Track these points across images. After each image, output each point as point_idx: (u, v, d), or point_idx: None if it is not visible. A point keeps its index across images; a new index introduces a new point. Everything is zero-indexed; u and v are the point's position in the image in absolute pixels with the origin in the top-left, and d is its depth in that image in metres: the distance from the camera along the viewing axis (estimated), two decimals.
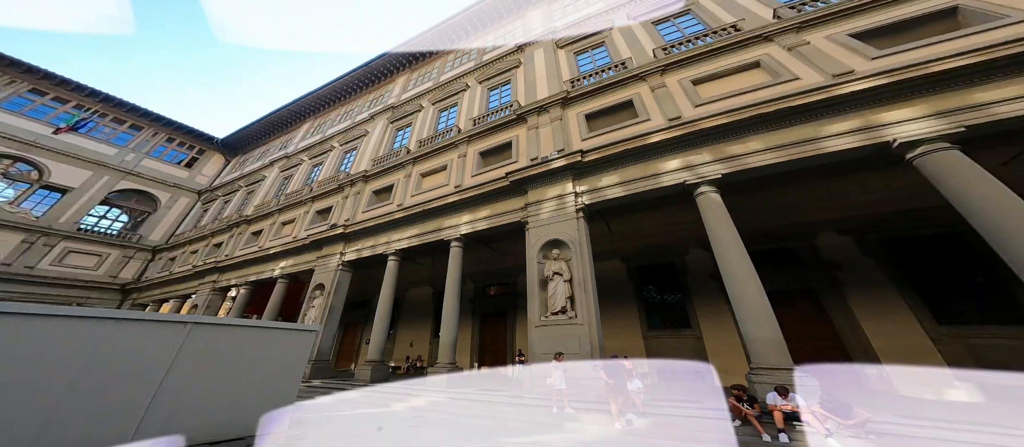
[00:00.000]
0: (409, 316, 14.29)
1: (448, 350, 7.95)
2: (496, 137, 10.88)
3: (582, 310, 6.26)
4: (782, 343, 5.00)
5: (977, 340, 6.31)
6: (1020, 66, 4.73)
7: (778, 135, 6.22)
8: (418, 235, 10.00)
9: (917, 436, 3.72)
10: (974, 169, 4.59)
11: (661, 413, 4.94)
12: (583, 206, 7.58)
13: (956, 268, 6.97)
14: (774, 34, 7.68)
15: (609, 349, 8.85)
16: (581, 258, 6.81)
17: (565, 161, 7.94)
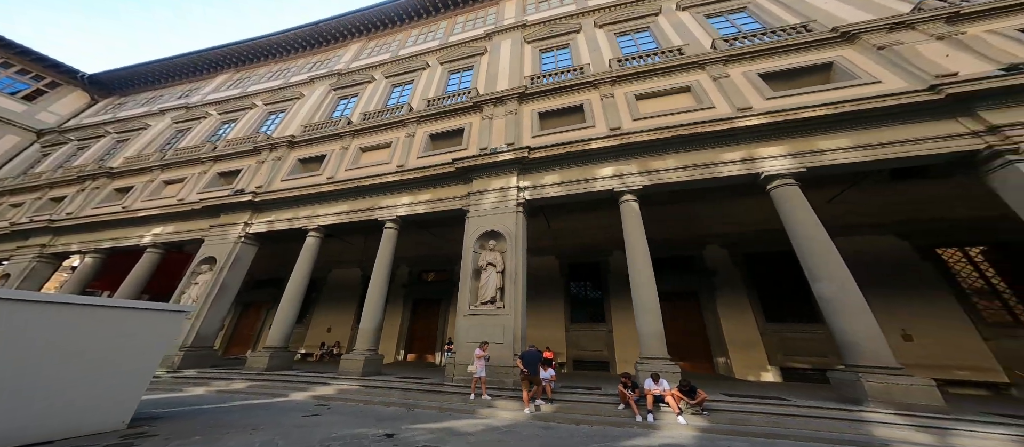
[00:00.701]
0: (330, 299, 12.78)
1: (369, 336, 7.30)
2: (449, 122, 10.43)
3: (510, 301, 6.30)
4: (663, 336, 5.66)
5: (788, 334, 8.11)
6: (852, 122, 6.01)
7: (690, 156, 6.95)
8: (348, 212, 9.01)
9: (734, 409, 4.65)
10: (802, 201, 5.83)
11: (566, 399, 5.27)
12: (524, 201, 7.67)
13: (784, 278, 8.63)
14: (706, 63, 8.37)
15: (534, 340, 9.01)
16: (516, 251, 6.86)
17: (513, 155, 7.97)
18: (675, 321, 9.06)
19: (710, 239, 9.82)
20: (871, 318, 4.85)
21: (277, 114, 14.04)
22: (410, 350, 10.73)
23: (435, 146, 10.04)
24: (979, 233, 7.46)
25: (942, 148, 5.32)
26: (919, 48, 6.51)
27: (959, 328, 6.93)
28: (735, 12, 10.41)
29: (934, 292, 7.38)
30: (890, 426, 3.94)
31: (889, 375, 4.42)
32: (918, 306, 7.29)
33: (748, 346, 8.29)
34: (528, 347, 5.56)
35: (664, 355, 5.52)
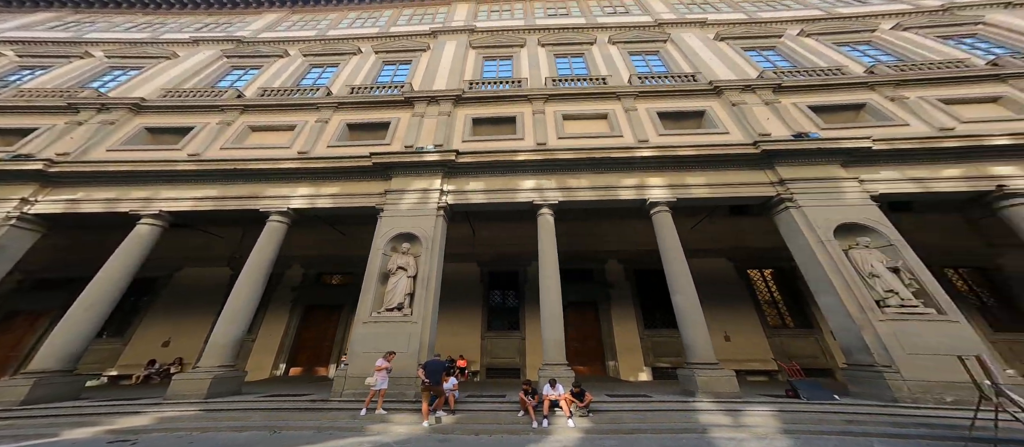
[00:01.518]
0: (175, 304, 9.89)
1: (223, 349, 5.70)
2: (374, 113, 9.50)
3: (420, 308, 5.80)
4: (563, 343, 5.91)
5: (658, 339, 9.47)
6: (709, 163, 7.40)
7: (599, 178, 7.62)
8: (217, 198, 7.19)
9: (613, 409, 5.06)
10: (671, 226, 6.97)
11: (469, 409, 5.02)
12: (446, 205, 7.35)
13: (659, 291, 9.58)
14: (622, 95, 9.26)
15: (449, 348, 8.86)
16: (432, 255, 6.44)
17: (440, 157, 7.63)
18: (577, 328, 9.83)
19: (611, 255, 10.85)
20: (704, 325, 5.87)
21: (127, 71, 10.66)
22: (295, 364, 8.99)
23: (353, 137, 8.97)
24: (771, 259, 9.85)
25: (756, 192, 7.10)
26: (755, 110, 8.43)
27: (756, 330, 9.02)
28: (651, 54, 12.18)
29: (743, 303, 9.49)
30: (708, 412, 4.76)
31: (710, 370, 5.36)
32: (734, 314, 9.24)
33: (631, 350, 9.27)
34: (434, 356, 5.24)
35: (563, 361, 5.74)
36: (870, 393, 5.00)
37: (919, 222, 9.17)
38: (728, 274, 10.11)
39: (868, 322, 5.19)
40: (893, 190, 6.46)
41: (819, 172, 6.79)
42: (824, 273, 5.80)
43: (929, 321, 5.01)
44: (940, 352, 4.66)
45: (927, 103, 7.60)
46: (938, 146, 6.39)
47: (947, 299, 5.16)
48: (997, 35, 9.68)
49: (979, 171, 6.22)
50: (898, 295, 5.22)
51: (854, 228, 6.09)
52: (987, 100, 7.49)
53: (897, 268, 5.44)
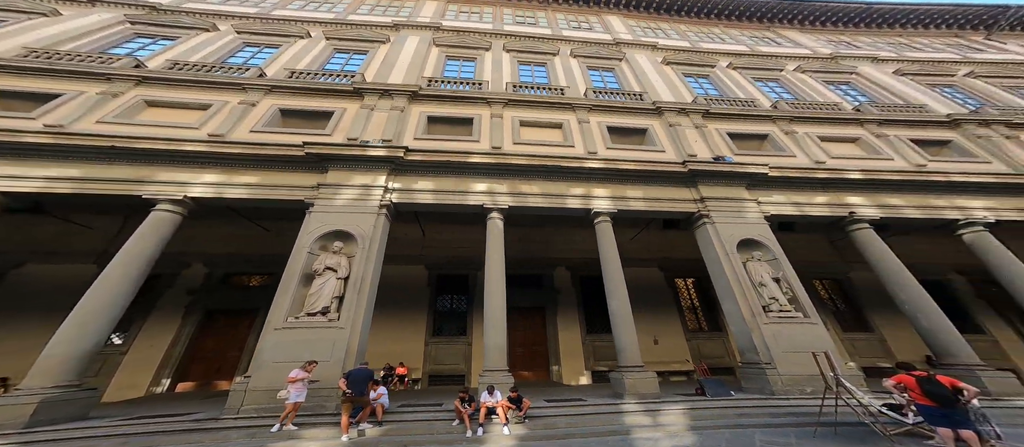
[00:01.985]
0: (11, 309, 7.78)
1: (61, 365, 4.53)
2: (315, 101, 8.67)
3: (349, 313, 5.39)
4: (505, 349, 5.97)
5: (598, 343, 9.91)
6: (646, 178, 7.98)
7: (549, 185, 7.81)
8: (80, 180, 5.89)
9: (548, 414, 5.18)
10: (611, 235, 7.47)
11: (400, 420, 4.79)
12: (390, 203, 6.98)
13: (599, 297, 9.52)
14: (577, 107, 9.59)
15: (390, 355, 8.53)
16: (368, 256, 6.04)
17: (386, 152, 7.19)
18: (525, 334, 10.02)
19: (560, 262, 11.16)
20: (634, 329, 6.36)
21: None
22: (185, 378, 7.77)
23: (287, 124, 8.08)
24: (694, 269, 10.59)
25: (683, 207, 7.91)
26: (687, 132, 9.33)
27: (678, 334, 10.03)
28: (607, 70, 12.89)
29: (670, 309, 10.46)
30: (632, 414, 5.10)
31: (637, 372, 5.82)
32: (663, 319, 10.16)
33: (573, 355, 9.63)
34: (362, 364, 4.91)
35: (504, 367, 5.79)
36: (756, 387, 5.84)
37: (800, 240, 11.11)
38: (659, 282, 11.13)
39: (757, 325, 6.08)
40: (780, 212, 7.68)
41: (729, 193, 7.79)
42: (727, 283, 6.68)
43: (798, 324, 6.04)
44: (803, 350, 5.62)
45: (809, 139, 9.18)
46: (812, 176, 7.75)
47: (811, 305, 6.28)
48: (864, 85, 12.08)
49: (838, 199, 7.68)
50: (778, 301, 6.23)
51: (751, 243, 7.11)
52: (850, 140, 9.29)
53: (778, 278, 6.48)
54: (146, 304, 8.27)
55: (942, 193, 7.72)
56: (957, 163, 8.61)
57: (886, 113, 9.90)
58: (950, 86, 12.01)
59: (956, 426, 3.24)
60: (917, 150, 8.88)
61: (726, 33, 15.64)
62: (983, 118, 9.42)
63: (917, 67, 12.77)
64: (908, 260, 10.37)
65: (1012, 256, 6.87)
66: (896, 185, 7.75)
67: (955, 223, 7.50)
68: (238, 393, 4.63)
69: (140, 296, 8.36)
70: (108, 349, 7.59)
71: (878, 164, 8.55)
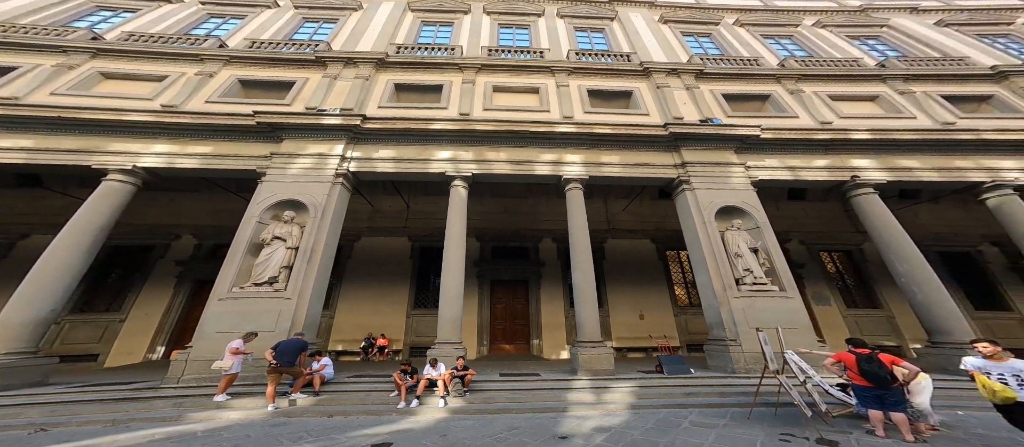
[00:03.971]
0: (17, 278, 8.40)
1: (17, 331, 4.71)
2: (276, 71, 8.43)
3: (297, 283, 5.32)
4: (458, 321, 5.78)
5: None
6: (624, 143, 7.34)
7: (518, 152, 7.34)
8: (33, 150, 5.94)
9: (493, 388, 4.96)
10: (581, 204, 6.93)
11: (339, 390, 4.77)
12: (347, 172, 6.77)
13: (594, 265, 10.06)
14: (556, 70, 8.96)
15: (373, 326, 8.64)
16: (320, 226, 5.89)
17: (342, 121, 6.91)
18: (506, 306, 9.94)
19: (546, 233, 10.78)
20: (594, 304, 5.96)
21: None
22: (178, 345, 8.11)
23: (247, 94, 7.91)
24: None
25: (663, 173, 7.22)
26: (676, 94, 8.49)
27: (666, 309, 9.59)
28: (596, 31, 11.86)
29: (659, 283, 10.00)
30: (580, 391, 4.86)
31: (593, 348, 5.51)
32: (651, 293, 9.75)
33: (555, 328, 9.40)
34: (297, 335, 4.83)
35: (455, 339, 5.64)
36: (719, 365, 5.48)
37: (810, 210, 10.18)
38: (650, 255, 10.62)
39: (727, 299, 5.61)
40: (772, 177, 6.90)
41: (715, 157, 7.06)
42: (702, 254, 6.16)
43: (772, 297, 5.52)
44: (772, 326, 5.09)
45: (818, 98, 8.09)
46: (812, 138, 6.86)
47: (790, 278, 5.71)
48: (895, 39, 10.45)
49: (841, 162, 6.79)
50: (752, 274, 5.69)
51: (732, 211, 6.47)
52: (867, 98, 8.12)
53: (756, 249, 5.89)
54: (141, 275, 8.72)
55: (969, 153, 6.68)
56: (994, 120, 7.40)
57: (915, 68, 8.53)
58: (1005, 35, 10.19)
59: (887, 408, 2.96)
60: (948, 107, 7.67)
61: None
62: None
63: (966, 16, 10.86)
64: (931, 230, 9.42)
65: None
66: (912, 146, 6.74)
67: (980, 186, 6.47)
68: (179, 363, 4.72)
69: (135, 267, 9.21)
70: (107, 317, 8.12)
71: (895, 124, 7.47)
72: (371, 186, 10.37)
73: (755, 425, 3.73)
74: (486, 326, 9.76)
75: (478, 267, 10.40)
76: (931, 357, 5.43)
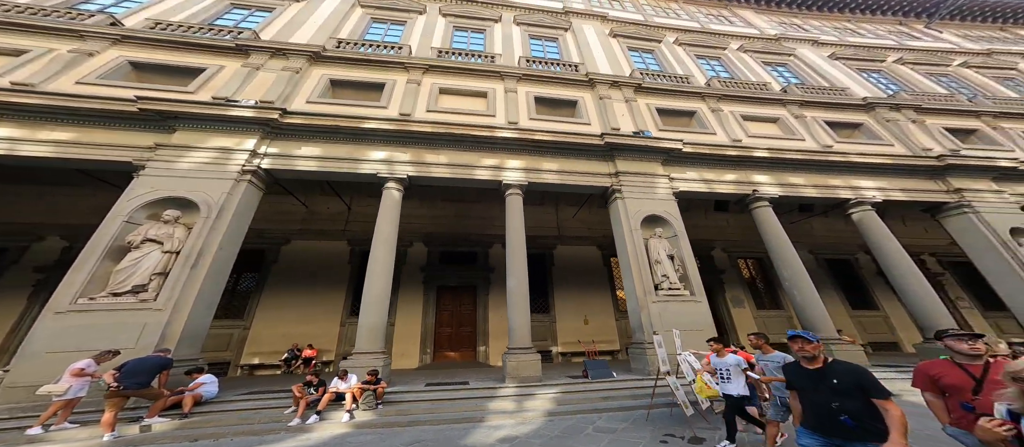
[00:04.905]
0: None
1: None
2: (184, 56, 7.50)
3: (172, 292, 4.61)
4: (381, 330, 5.44)
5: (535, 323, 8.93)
6: (563, 151, 7.44)
7: (459, 155, 7.16)
8: None
9: (412, 399, 4.72)
10: (519, 209, 6.99)
11: (220, 410, 4.18)
12: (258, 169, 6.10)
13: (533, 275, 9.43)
14: (506, 76, 8.94)
15: (299, 336, 7.92)
16: (213, 227, 5.20)
17: (255, 113, 6.25)
18: (453, 313, 9.67)
19: (497, 239, 10.35)
20: (526, 310, 5.96)
21: None
22: None
23: (140, 78, 6.91)
24: None
25: (598, 182, 7.49)
26: (615, 106, 8.83)
27: (609, 314, 9.89)
28: (551, 40, 12.07)
29: (604, 289, 10.29)
30: (504, 399, 4.77)
31: (522, 354, 5.48)
32: (595, 299, 10.02)
33: (501, 335, 9.00)
34: (160, 351, 4.14)
35: (376, 349, 5.28)
36: (640, 368, 5.71)
37: (731, 220, 11.16)
38: (596, 261, 10.92)
39: (646, 303, 5.89)
40: (690, 189, 7.43)
41: (644, 168, 7.43)
42: (628, 260, 6.39)
43: (684, 301, 5.87)
44: (684, 328, 5.43)
45: (733, 117, 8.95)
46: (725, 154, 7.53)
47: (700, 284, 6.12)
48: (798, 67, 12.01)
49: (746, 177, 7.54)
50: (669, 279, 6.00)
51: (656, 220, 6.83)
52: (770, 120, 9.15)
53: (673, 256, 6.22)
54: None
55: (840, 173, 7.81)
56: (861, 145, 8.70)
57: (808, 95, 9.85)
58: (878, 71, 12.16)
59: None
60: (829, 132, 8.92)
61: (684, 9, 15.03)
62: (895, 102, 9.56)
63: (852, 51, 12.81)
64: (821, 240, 10.98)
65: (889, 233, 7.06)
66: (799, 164, 7.76)
67: (848, 202, 7.58)
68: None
69: None
70: None
71: (789, 144, 8.53)
72: (307, 187, 9.60)
73: (648, 427, 3.87)
74: (430, 333, 9.38)
75: (424, 273, 10.01)
76: None
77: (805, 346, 1.79)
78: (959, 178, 7.84)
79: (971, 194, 7.61)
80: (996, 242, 6.97)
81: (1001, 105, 10.22)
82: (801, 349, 1.80)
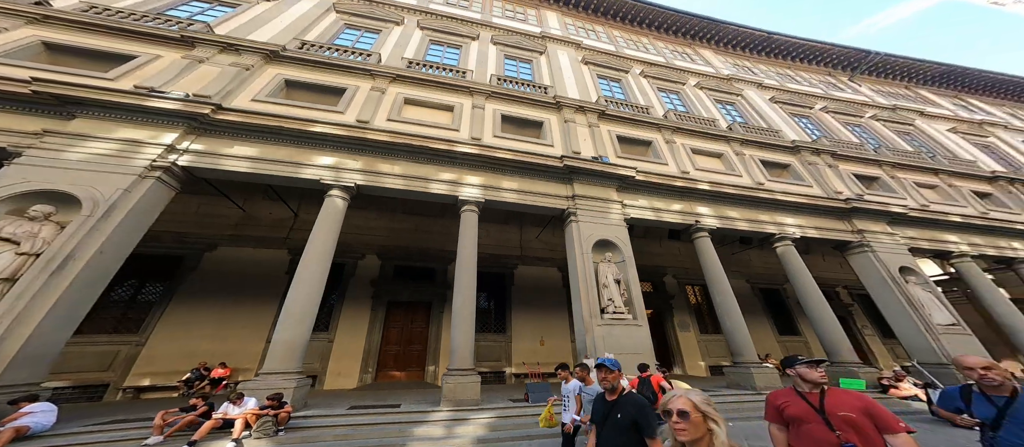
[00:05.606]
0: None
1: None
2: (113, 41, 6.91)
3: (12, 303, 3.77)
4: (297, 348, 4.93)
5: (481, 343, 8.79)
6: (524, 171, 7.39)
7: (415, 167, 6.92)
8: None
9: (323, 425, 4.29)
10: (473, 226, 6.79)
11: (52, 444, 3.44)
12: (173, 166, 5.43)
13: (492, 294, 10.04)
14: (475, 91, 8.87)
15: (212, 354, 7.08)
16: (98, 227, 4.49)
17: (182, 106, 5.66)
18: (402, 331, 9.19)
19: (452, 257, 10.34)
20: (471, 330, 5.70)
21: None
22: None
23: (53, 60, 6.12)
24: None
25: (556, 204, 7.51)
26: (579, 130, 9.02)
27: (565, 335, 9.81)
28: (525, 61, 12.31)
29: (562, 311, 10.10)
30: (433, 424, 4.45)
31: (461, 376, 5.20)
32: (554, 320, 9.95)
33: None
34: None
35: (289, 369, 4.75)
36: None
37: (682, 248, 11.55)
38: (556, 282, 10.85)
39: (592, 326, 5.85)
40: (640, 216, 7.65)
41: (600, 193, 7.53)
42: (578, 283, 6.29)
43: (627, 326, 5.85)
44: (626, 352, 5.37)
45: (684, 150, 9.49)
46: (673, 184, 7.92)
47: (643, 309, 6.17)
48: (743, 107, 13.20)
49: (690, 208, 7.97)
50: (614, 303, 5.95)
51: (607, 244, 6.85)
52: (715, 155, 9.86)
53: (620, 280, 6.17)
54: None
55: (768, 209, 8.53)
56: (788, 184, 9.61)
57: (749, 134, 10.73)
58: (806, 117, 13.57)
59: None
60: (762, 170, 9.79)
61: (653, 43, 16.12)
62: (816, 147, 10.63)
63: (788, 96, 14.21)
64: (756, 271, 11.72)
65: (804, 267, 7.78)
66: (735, 199, 8.36)
67: (773, 236, 8.11)
68: None
69: None
70: None
71: (728, 179, 9.24)
72: (248, 191, 8.87)
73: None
74: (375, 351, 8.74)
75: (375, 287, 9.43)
76: (733, 375, 6.58)
77: (608, 375, 1.63)
78: (862, 220, 8.80)
79: (870, 235, 8.55)
80: (888, 278, 7.85)
81: (899, 157, 11.78)
82: (604, 379, 1.64)
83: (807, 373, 1.62)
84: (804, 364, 1.65)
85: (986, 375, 1.68)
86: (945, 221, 9.44)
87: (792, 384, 1.70)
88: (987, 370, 1.69)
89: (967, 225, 9.58)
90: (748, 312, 11.44)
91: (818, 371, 1.62)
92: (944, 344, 6.88)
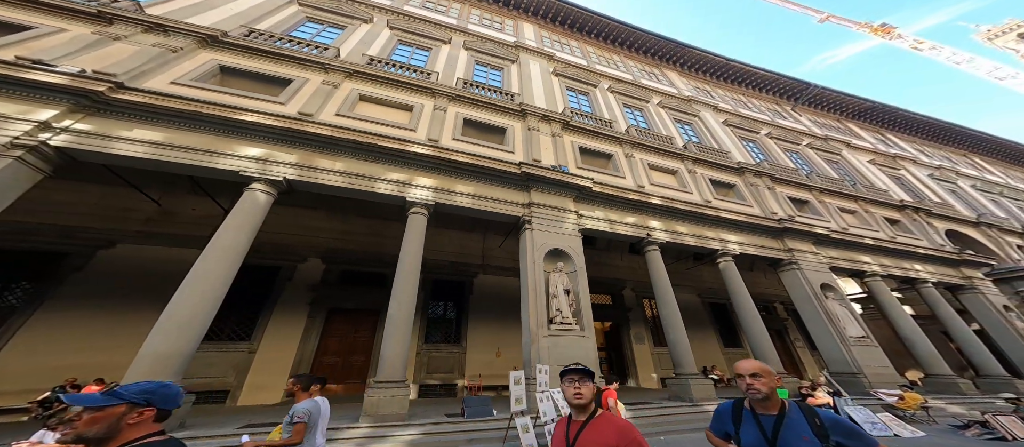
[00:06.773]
0: None
1: None
2: (10, 11, 5.89)
3: None
4: (175, 357, 4.24)
5: (435, 353, 9.00)
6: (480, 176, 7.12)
7: (360, 165, 6.45)
8: None
9: None
10: (419, 231, 6.42)
11: None
12: (43, 145, 4.56)
13: (449, 303, 9.77)
14: (438, 93, 8.68)
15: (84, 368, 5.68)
16: None
17: (68, 81, 4.81)
18: (342, 340, 8.51)
19: None
20: (405, 340, 5.33)
21: None
22: None
23: None
24: None
25: (511, 210, 7.36)
26: (542, 138, 8.99)
27: (520, 347, 9.50)
28: (496, 69, 12.23)
29: (518, 322, 9.17)
30: (340, 442, 4.05)
31: (388, 388, 4.81)
32: (510, 331, 9.31)
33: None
34: None
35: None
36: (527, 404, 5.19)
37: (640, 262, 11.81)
38: (514, 293, 10.29)
39: (538, 336, 5.73)
40: (595, 227, 7.74)
41: (557, 202, 7.48)
42: (528, 292, 6.11)
43: (574, 336, 5.77)
44: (572, 361, 5.09)
45: (642, 165, 9.83)
46: (628, 198, 8.15)
47: (590, 320, 6.14)
48: (700, 128, 14.17)
49: (642, 221, 8.25)
50: (562, 313, 5.81)
51: (560, 254, 6.74)
52: (670, 172, 10.50)
53: (569, 291, 6.01)
54: None
55: (713, 226, 9.02)
56: (732, 203, 10.29)
57: (702, 153, 11.40)
58: (753, 141, 14.76)
59: None
60: (710, 189, 10.45)
61: (624, 61, 16.74)
62: (759, 170, 11.56)
63: (739, 120, 15.36)
64: (707, 286, 12.28)
65: (742, 282, 8.27)
66: (684, 215, 8.74)
67: (717, 252, 8.48)
68: None
69: None
70: None
71: (680, 195, 9.71)
72: (169, 182, 7.80)
73: None
74: (308, 362, 7.96)
75: (314, 292, 8.69)
76: (674, 386, 6.73)
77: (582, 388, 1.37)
78: (792, 239, 9.58)
79: (798, 254, 9.33)
80: (811, 294, 8.54)
81: (826, 183, 13.07)
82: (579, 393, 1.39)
83: (565, 389, 1.35)
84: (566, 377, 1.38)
85: (752, 385, 1.36)
86: (861, 243, 10.52)
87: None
88: (753, 378, 1.36)
89: (878, 248, 10.77)
90: (698, 325, 12.20)
91: (574, 387, 1.32)
92: (855, 355, 7.58)
